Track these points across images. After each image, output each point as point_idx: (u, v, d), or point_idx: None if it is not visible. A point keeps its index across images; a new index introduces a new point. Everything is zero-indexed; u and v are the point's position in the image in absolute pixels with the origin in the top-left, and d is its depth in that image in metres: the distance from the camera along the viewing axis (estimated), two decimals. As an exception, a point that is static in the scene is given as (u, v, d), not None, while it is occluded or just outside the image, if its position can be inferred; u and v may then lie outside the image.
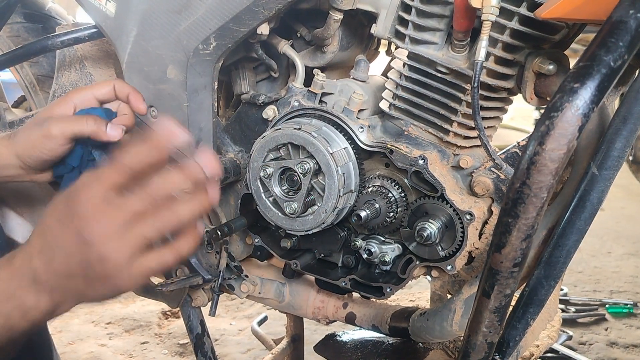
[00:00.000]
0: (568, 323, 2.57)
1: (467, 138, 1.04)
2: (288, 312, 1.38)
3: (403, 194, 1.11)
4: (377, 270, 1.17)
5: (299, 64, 1.15)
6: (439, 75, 1.00)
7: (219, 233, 1.16)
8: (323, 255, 1.21)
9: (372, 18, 1.06)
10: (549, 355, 2.25)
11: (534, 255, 0.94)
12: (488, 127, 1.06)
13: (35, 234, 0.72)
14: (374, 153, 1.11)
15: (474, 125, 0.94)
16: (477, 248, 1.07)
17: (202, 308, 1.45)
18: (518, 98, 1.04)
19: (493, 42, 0.92)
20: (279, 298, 1.35)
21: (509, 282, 0.78)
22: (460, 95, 0.99)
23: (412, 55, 1.02)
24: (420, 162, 1.04)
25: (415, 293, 1.59)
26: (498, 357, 0.90)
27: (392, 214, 1.10)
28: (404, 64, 1.03)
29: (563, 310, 2.66)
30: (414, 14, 0.97)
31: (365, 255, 1.13)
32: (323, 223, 1.08)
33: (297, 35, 1.21)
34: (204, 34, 1.07)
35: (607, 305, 2.72)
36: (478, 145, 1.05)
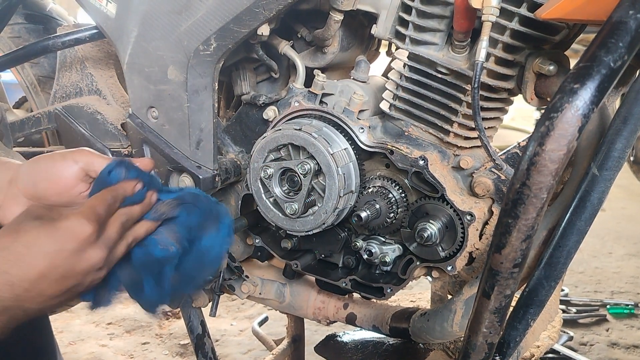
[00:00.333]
0: (569, 324, 2.57)
1: (467, 139, 1.04)
2: (289, 312, 1.38)
3: (403, 195, 1.11)
4: (377, 271, 1.17)
5: (300, 65, 1.15)
6: (439, 76, 1.00)
7: (220, 234, 1.16)
8: (323, 256, 1.21)
9: (372, 19, 1.06)
10: (550, 356, 2.24)
11: (535, 256, 0.94)
12: (488, 127, 1.06)
13: (12, 235, 0.76)
14: (375, 154, 1.11)
15: (475, 126, 0.94)
16: (477, 248, 1.07)
17: (202, 309, 1.46)
18: (519, 98, 1.04)
19: (493, 42, 0.92)
20: (280, 299, 1.35)
21: (509, 282, 0.78)
22: (461, 96, 0.99)
23: (412, 56, 1.02)
24: (421, 162, 1.04)
25: (416, 294, 1.58)
26: (498, 357, 0.90)
27: (392, 215, 1.10)
28: (405, 65, 1.03)
29: (564, 311, 2.66)
30: (414, 15, 0.97)
31: (366, 256, 1.13)
32: (323, 224, 1.08)
33: (297, 36, 1.21)
34: (205, 35, 1.07)
35: (608, 306, 2.72)
36: (478, 146, 1.05)
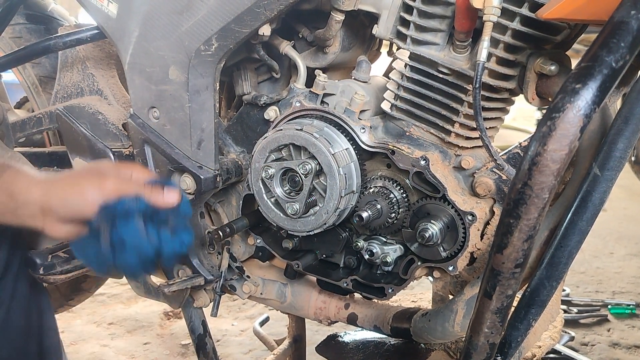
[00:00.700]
0: (570, 324, 2.57)
1: (468, 139, 1.04)
2: (290, 312, 1.38)
3: (405, 195, 1.11)
4: (378, 271, 1.17)
5: (301, 65, 1.15)
6: (441, 76, 1.00)
7: (221, 234, 1.16)
8: (325, 256, 1.21)
9: (373, 19, 1.06)
10: (551, 356, 2.24)
11: (536, 256, 0.94)
12: (490, 127, 1.06)
13: (64, 182, 0.94)
14: (376, 154, 1.11)
15: (476, 126, 0.94)
16: (479, 249, 1.07)
17: (203, 309, 1.46)
18: (520, 98, 1.04)
19: (495, 42, 0.92)
20: (281, 299, 1.35)
21: (511, 282, 0.78)
22: (462, 96, 0.99)
23: (413, 56, 1.02)
24: (422, 162, 1.04)
25: (417, 294, 1.58)
26: (500, 357, 0.90)
27: (393, 215, 1.10)
28: (406, 65, 1.03)
29: (565, 311, 2.65)
30: (416, 15, 0.97)
31: (367, 256, 1.13)
32: (325, 224, 1.08)
33: (298, 36, 1.21)
34: (206, 35, 1.07)
35: (609, 306, 2.71)
36: (480, 146, 1.05)
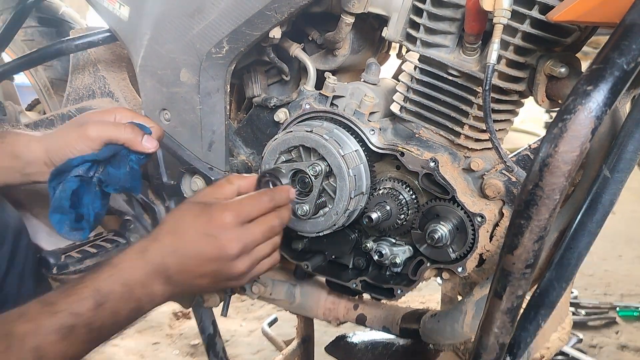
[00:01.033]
0: (578, 326, 2.56)
1: (478, 140, 1.04)
2: (299, 313, 1.39)
3: (414, 196, 1.11)
4: (387, 272, 1.18)
5: (311, 67, 1.16)
6: (450, 78, 1.00)
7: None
8: (334, 257, 1.22)
9: (383, 21, 1.07)
10: (559, 358, 2.23)
11: (546, 258, 0.94)
12: (499, 129, 1.06)
13: (166, 233, 0.87)
14: (385, 155, 1.11)
15: (485, 128, 0.94)
16: (488, 250, 1.07)
17: (213, 309, 1.46)
18: (528, 101, 1.05)
19: (504, 45, 0.93)
20: (290, 299, 1.35)
21: (521, 283, 0.78)
22: (472, 98, 0.99)
23: (423, 58, 1.02)
24: (431, 164, 1.04)
25: (426, 295, 1.59)
26: (509, 358, 0.90)
27: (403, 216, 1.10)
28: (415, 67, 1.04)
29: (574, 313, 2.64)
30: (425, 17, 0.98)
31: (376, 257, 1.13)
32: (334, 225, 1.08)
33: (308, 39, 1.21)
34: (217, 38, 1.08)
35: (617, 309, 2.70)
36: (489, 148, 1.05)
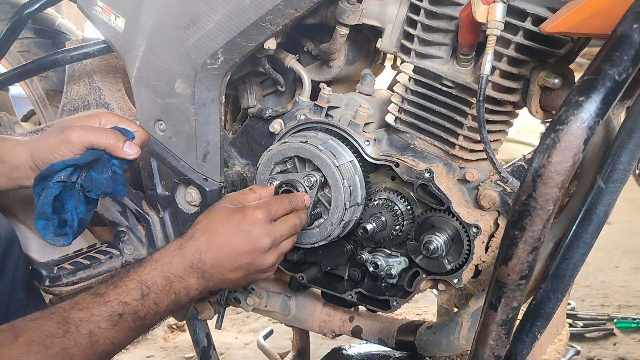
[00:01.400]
0: (576, 338, 2.54)
1: (473, 151, 1.05)
2: (294, 325, 1.38)
3: (409, 207, 1.11)
4: (383, 284, 1.17)
5: (306, 78, 1.16)
6: (445, 89, 1.01)
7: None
8: (329, 268, 1.21)
9: (378, 33, 1.08)
10: (557, 370, 2.22)
11: (541, 269, 0.94)
12: (494, 140, 1.06)
13: (201, 231, 0.96)
14: (380, 166, 1.11)
15: (480, 139, 0.94)
16: (483, 261, 1.06)
17: (208, 321, 1.45)
18: (524, 112, 1.05)
19: (498, 56, 0.93)
20: (285, 311, 1.34)
21: (516, 294, 0.78)
22: (466, 109, 1.00)
23: (417, 70, 1.03)
24: (426, 175, 1.04)
25: (422, 306, 1.58)
26: (505, 371, 0.90)
27: (398, 227, 1.10)
28: (410, 78, 1.04)
29: (571, 325, 2.63)
30: (420, 29, 0.98)
31: (372, 269, 1.13)
32: (329, 236, 1.08)
33: (303, 50, 1.22)
34: (212, 49, 1.08)
35: (615, 320, 2.68)
36: (484, 159, 1.06)
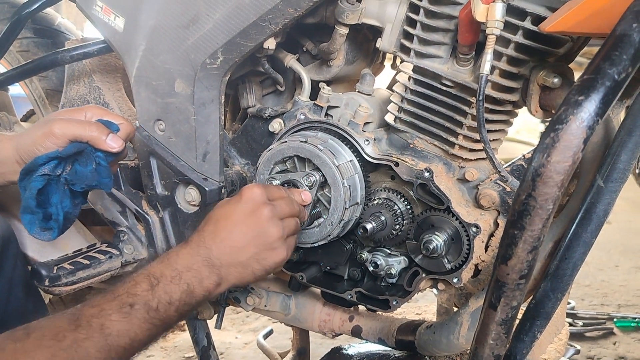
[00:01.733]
0: (576, 337, 2.54)
1: (472, 151, 1.05)
2: (294, 325, 1.38)
3: (409, 207, 1.11)
4: (383, 283, 1.17)
5: (305, 78, 1.16)
6: (444, 89, 1.01)
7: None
8: (329, 268, 1.21)
9: (377, 32, 1.08)
10: (557, 370, 2.22)
11: (541, 268, 0.94)
12: (493, 139, 1.06)
13: (204, 224, 0.95)
14: (380, 166, 1.11)
15: (480, 138, 0.94)
16: (483, 261, 1.06)
17: (207, 321, 1.45)
18: (524, 111, 1.05)
19: (498, 55, 0.93)
20: (285, 311, 1.34)
21: (516, 294, 0.78)
22: (466, 109, 1.00)
23: (417, 69, 1.03)
24: (426, 174, 1.04)
25: (422, 306, 1.58)
26: (505, 370, 0.90)
27: (398, 227, 1.10)
28: (409, 78, 1.04)
29: (571, 324, 2.63)
30: (419, 28, 0.98)
31: (371, 268, 1.13)
32: (329, 235, 1.08)
33: (303, 50, 1.22)
34: (212, 49, 1.08)
35: (615, 319, 2.69)
36: (484, 158, 1.06)
